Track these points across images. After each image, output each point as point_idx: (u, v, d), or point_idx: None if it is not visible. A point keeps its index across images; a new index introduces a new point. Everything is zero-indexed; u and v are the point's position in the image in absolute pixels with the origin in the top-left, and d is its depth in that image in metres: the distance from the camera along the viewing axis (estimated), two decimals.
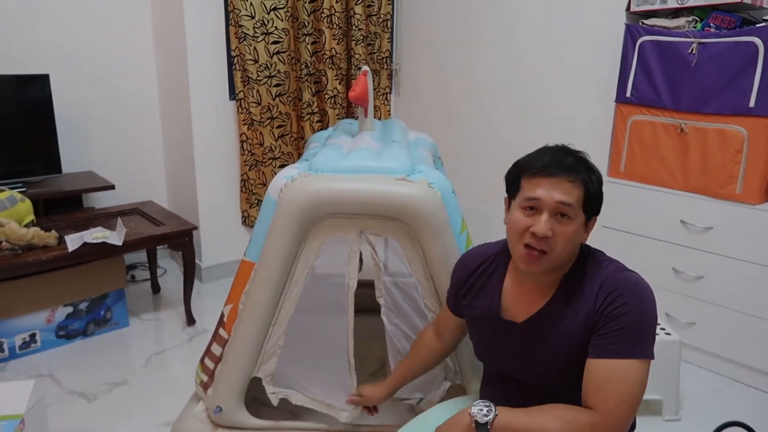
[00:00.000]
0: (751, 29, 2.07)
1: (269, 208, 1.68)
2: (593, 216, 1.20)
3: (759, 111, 2.08)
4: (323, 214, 1.62)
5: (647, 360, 1.11)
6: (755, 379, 2.25)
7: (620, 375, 1.09)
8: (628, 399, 1.09)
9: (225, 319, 1.78)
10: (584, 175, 1.16)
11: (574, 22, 2.67)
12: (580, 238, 1.18)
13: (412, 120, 3.58)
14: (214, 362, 1.77)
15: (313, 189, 1.59)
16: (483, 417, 1.14)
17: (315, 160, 1.69)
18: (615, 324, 1.11)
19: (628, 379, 1.09)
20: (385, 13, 3.43)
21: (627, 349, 1.10)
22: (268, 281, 1.67)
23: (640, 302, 1.12)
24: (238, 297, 1.74)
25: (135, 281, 3.12)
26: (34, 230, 2.23)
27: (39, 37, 2.83)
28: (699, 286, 2.32)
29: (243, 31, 2.96)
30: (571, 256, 1.20)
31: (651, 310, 1.13)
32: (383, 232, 1.64)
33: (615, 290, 1.13)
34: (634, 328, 1.10)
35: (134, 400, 2.11)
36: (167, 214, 2.79)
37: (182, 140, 3.08)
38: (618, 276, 1.16)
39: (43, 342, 2.41)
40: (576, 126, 2.70)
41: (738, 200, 2.18)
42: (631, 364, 1.09)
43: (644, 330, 1.11)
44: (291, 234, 1.63)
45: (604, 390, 1.10)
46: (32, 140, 2.71)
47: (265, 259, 1.66)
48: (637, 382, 1.10)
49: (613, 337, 1.11)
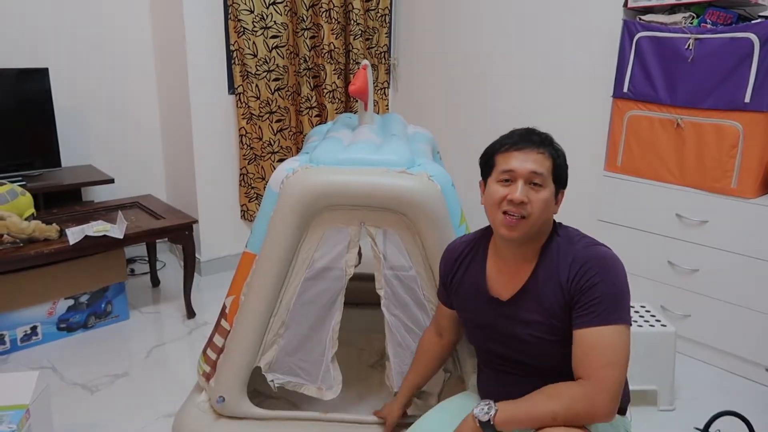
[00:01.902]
0: (746, 25, 2.10)
1: (270, 200, 1.69)
2: (561, 189, 1.30)
3: (754, 106, 2.11)
4: (324, 205, 1.63)
5: (625, 325, 1.17)
6: (748, 370, 2.28)
7: (602, 342, 1.15)
8: (614, 362, 1.14)
9: (227, 310, 1.79)
10: (551, 149, 1.28)
11: (571, 17, 2.68)
12: (552, 207, 1.28)
13: (410, 114, 3.59)
14: (216, 353, 1.79)
15: (314, 181, 1.61)
16: (485, 415, 1.20)
17: (316, 152, 1.70)
18: (589, 295, 1.18)
19: (610, 344, 1.15)
20: (383, 8, 3.44)
21: (605, 316, 1.16)
22: (270, 272, 1.68)
23: (609, 273, 1.19)
24: (239, 288, 1.76)
25: (134, 275, 3.13)
26: (35, 223, 2.24)
27: (38, 31, 2.83)
28: (694, 279, 2.35)
29: (242, 25, 2.97)
30: (545, 226, 1.29)
31: (622, 279, 1.20)
32: (383, 224, 1.66)
33: (586, 263, 1.21)
34: (608, 297, 1.17)
35: (136, 391, 2.13)
36: (167, 207, 2.80)
37: (181, 134, 3.09)
38: (588, 250, 1.24)
39: (44, 334, 2.42)
40: (573, 121, 2.72)
41: (733, 194, 2.21)
42: (611, 330, 1.15)
43: (617, 298, 1.18)
44: (292, 226, 1.64)
45: (589, 358, 1.16)
46: (32, 134, 2.71)
47: (266, 251, 1.68)
48: (619, 346, 1.15)
49: (590, 307, 1.18)
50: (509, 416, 1.19)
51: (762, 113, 2.10)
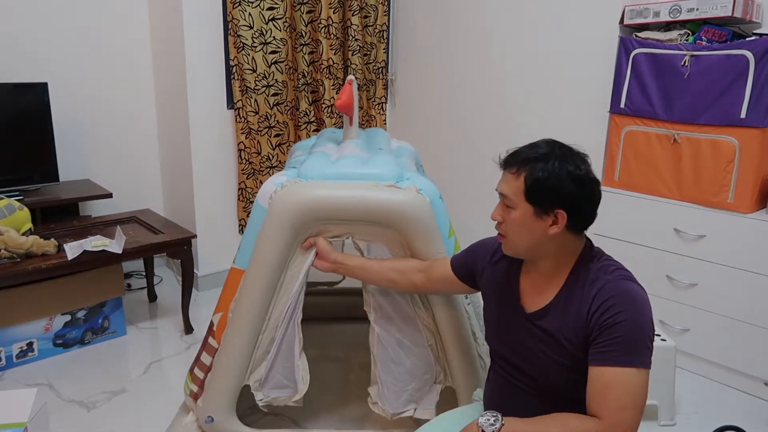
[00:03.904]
0: (741, 42, 2.13)
1: (258, 215, 1.68)
2: (553, 208, 1.18)
3: (750, 122, 2.13)
4: (313, 220, 1.63)
5: (646, 370, 1.13)
6: (748, 385, 2.29)
7: (621, 382, 1.11)
8: (631, 405, 1.10)
9: (214, 327, 1.76)
10: (529, 166, 1.19)
11: (568, 34, 2.72)
12: (535, 227, 1.20)
13: (408, 129, 3.61)
14: (204, 371, 1.76)
15: (303, 195, 1.60)
16: (490, 426, 1.17)
17: (304, 167, 1.70)
18: (612, 332, 1.13)
19: (629, 386, 1.11)
20: (381, 24, 3.47)
21: (625, 357, 1.11)
22: (258, 288, 1.66)
23: (635, 312, 1.14)
24: (227, 305, 1.74)
25: (131, 290, 3.11)
26: (33, 238, 2.23)
27: (37, 46, 2.84)
28: (692, 294, 2.36)
29: (241, 40, 2.98)
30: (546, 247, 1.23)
31: (647, 320, 1.15)
32: (372, 237, 1.66)
33: (612, 298, 1.15)
34: (631, 337, 1.12)
35: (134, 408, 2.11)
36: (165, 222, 2.79)
37: (180, 149, 3.09)
38: (617, 284, 1.18)
39: (40, 351, 2.39)
40: (571, 136, 2.70)
41: (730, 209, 2.23)
42: (631, 372, 1.11)
43: (641, 339, 1.13)
44: (281, 241, 1.63)
45: (606, 397, 1.11)
46: (30, 148, 2.71)
47: (254, 267, 1.66)
48: (638, 389, 1.11)
49: (611, 345, 1.13)
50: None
51: (758, 129, 2.13)
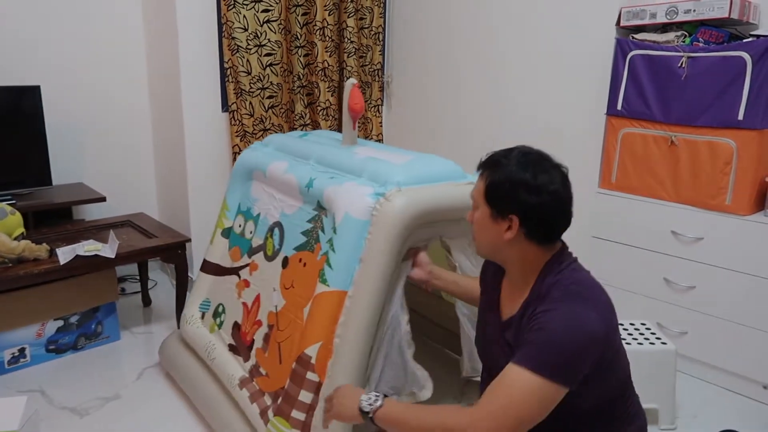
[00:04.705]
0: (739, 44, 2.12)
1: (353, 229, 1.59)
2: (507, 213, 1.18)
3: (747, 124, 2.13)
4: (419, 226, 1.59)
5: (544, 379, 1.05)
6: (747, 388, 2.28)
7: (509, 380, 1.08)
8: (508, 408, 1.05)
9: (313, 360, 1.58)
10: (491, 169, 1.22)
11: (565, 36, 2.71)
12: (492, 230, 1.22)
13: (404, 131, 3.60)
14: (306, 411, 1.58)
15: (414, 202, 1.56)
16: (369, 405, 1.21)
17: (379, 175, 1.67)
18: (529, 335, 1.12)
19: (516, 388, 1.06)
20: (377, 26, 3.46)
21: (525, 358, 1.08)
22: (370, 306, 1.54)
23: (557, 325, 1.09)
24: (328, 333, 1.57)
25: (125, 294, 3.08)
26: (24, 243, 2.20)
27: (30, 49, 2.81)
28: (690, 296, 2.35)
29: (236, 43, 2.96)
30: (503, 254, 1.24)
31: (567, 338, 1.08)
32: (455, 234, 1.70)
33: (545, 311, 1.12)
34: (541, 343, 1.09)
35: (128, 414, 2.08)
36: (159, 226, 2.77)
37: (174, 152, 3.07)
38: (562, 301, 1.14)
39: (32, 356, 2.36)
40: (568, 138, 2.73)
41: (728, 211, 2.22)
42: (524, 375, 1.06)
43: (551, 348, 1.07)
44: (393, 252, 1.54)
45: (492, 390, 1.10)
46: (22, 152, 2.68)
47: (364, 284, 1.54)
48: (525, 394, 1.05)
49: (522, 345, 1.12)
50: (388, 415, 1.19)
51: (755, 131, 2.12)
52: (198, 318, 2.21)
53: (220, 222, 2.26)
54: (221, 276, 2.19)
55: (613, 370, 1.20)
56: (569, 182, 1.21)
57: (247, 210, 2.15)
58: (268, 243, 1.96)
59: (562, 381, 1.07)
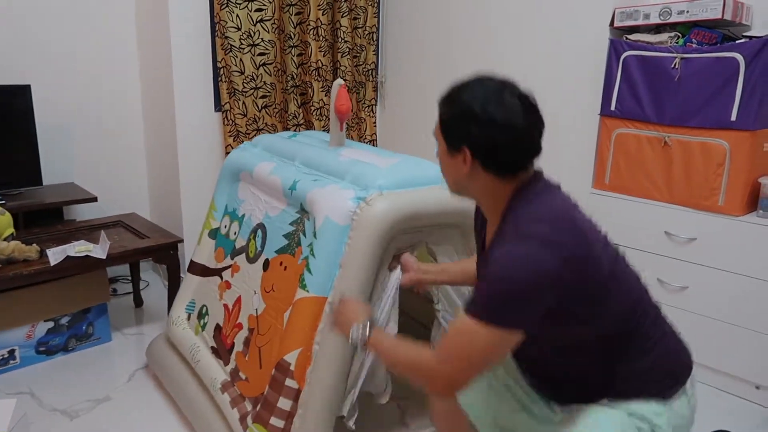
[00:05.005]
0: (732, 45, 2.12)
1: (333, 234, 1.57)
2: (459, 145, 1.16)
3: (740, 125, 2.13)
4: (402, 231, 1.57)
5: (489, 326, 1.05)
6: (739, 388, 2.28)
7: (458, 327, 1.11)
8: (459, 355, 1.09)
9: (291, 367, 1.57)
10: (443, 104, 1.20)
11: (558, 37, 2.70)
12: (451, 165, 1.20)
13: (398, 131, 3.59)
14: (285, 418, 1.57)
15: (396, 207, 1.54)
16: (358, 333, 1.27)
17: (362, 178, 1.64)
18: (480, 280, 1.14)
19: (464, 335, 1.09)
20: (370, 26, 3.45)
21: (471, 305, 1.09)
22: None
23: (504, 268, 1.06)
24: (307, 339, 1.56)
25: (117, 295, 3.06)
26: (14, 244, 2.18)
27: (20, 48, 2.79)
28: (683, 297, 2.35)
29: (229, 42, 2.95)
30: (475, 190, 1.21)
31: (514, 278, 1.05)
32: (441, 240, 1.68)
33: (500, 244, 1.11)
34: (485, 290, 1.08)
35: (118, 417, 2.06)
36: (151, 226, 2.75)
37: (166, 152, 3.05)
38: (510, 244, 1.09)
39: (22, 358, 2.34)
40: (561, 139, 2.73)
41: (721, 212, 2.22)
42: (469, 323, 1.07)
43: (498, 295, 1.06)
44: (374, 257, 1.53)
45: (446, 338, 1.14)
46: (12, 151, 2.66)
47: (344, 290, 1.53)
48: (473, 342, 1.07)
49: (474, 292, 1.12)
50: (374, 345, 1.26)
51: (748, 132, 2.12)
52: (184, 319, 2.19)
53: (207, 223, 2.24)
54: (206, 277, 2.17)
55: (606, 305, 1.13)
56: (534, 111, 1.15)
57: (233, 211, 2.14)
58: (251, 245, 1.95)
59: (508, 326, 1.06)
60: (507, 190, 1.18)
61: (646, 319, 1.21)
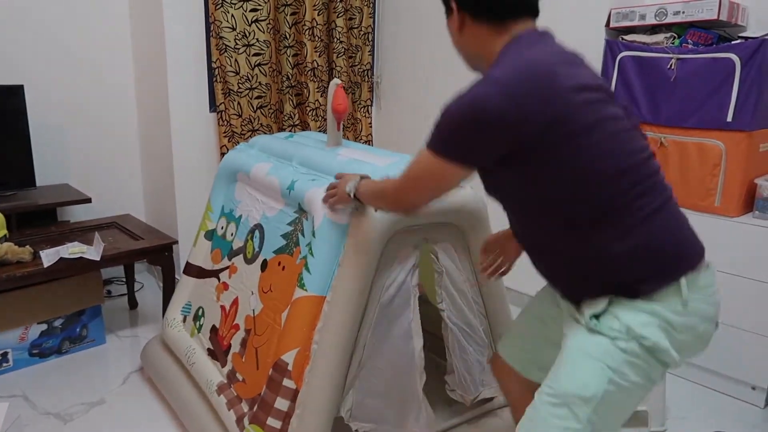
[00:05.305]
0: (728, 46, 2.13)
1: (332, 233, 1.56)
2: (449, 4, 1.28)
3: (736, 125, 2.13)
4: (396, 230, 1.55)
5: (435, 155, 1.14)
6: (735, 389, 2.28)
7: (416, 158, 1.21)
8: (414, 179, 1.22)
9: (289, 367, 1.55)
10: None
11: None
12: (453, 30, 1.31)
13: (393, 132, 3.58)
14: (282, 419, 1.55)
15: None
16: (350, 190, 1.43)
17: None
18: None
19: (418, 164, 1.20)
20: (366, 26, 3.44)
21: (427, 137, 1.18)
22: (348, 311, 1.52)
23: (454, 104, 1.11)
24: (305, 339, 1.54)
25: (111, 296, 3.04)
26: (7, 245, 2.16)
27: (13, 47, 2.76)
28: None
29: (224, 42, 2.93)
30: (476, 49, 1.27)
31: (457, 114, 1.09)
32: (441, 237, 1.68)
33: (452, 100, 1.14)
34: (436, 122, 1.15)
35: (112, 420, 2.05)
36: (146, 227, 2.73)
37: (161, 152, 3.03)
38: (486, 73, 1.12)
39: (15, 361, 2.32)
40: None
41: (717, 213, 2.22)
42: (425, 153, 1.17)
43: (440, 126, 1.14)
44: (371, 255, 1.52)
45: (406, 167, 1.24)
46: (5, 152, 2.64)
47: (342, 288, 1.52)
48: (424, 169, 1.19)
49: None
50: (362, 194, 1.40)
51: (744, 132, 2.13)
52: (179, 321, 2.18)
53: (203, 224, 2.23)
54: (202, 279, 2.16)
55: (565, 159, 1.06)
56: None
57: (230, 212, 2.13)
58: (248, 245, 1.94)
59: (450, 158, 1.13)
60: (498, 44, 1.19)
61: (637, 199, 1.10)
